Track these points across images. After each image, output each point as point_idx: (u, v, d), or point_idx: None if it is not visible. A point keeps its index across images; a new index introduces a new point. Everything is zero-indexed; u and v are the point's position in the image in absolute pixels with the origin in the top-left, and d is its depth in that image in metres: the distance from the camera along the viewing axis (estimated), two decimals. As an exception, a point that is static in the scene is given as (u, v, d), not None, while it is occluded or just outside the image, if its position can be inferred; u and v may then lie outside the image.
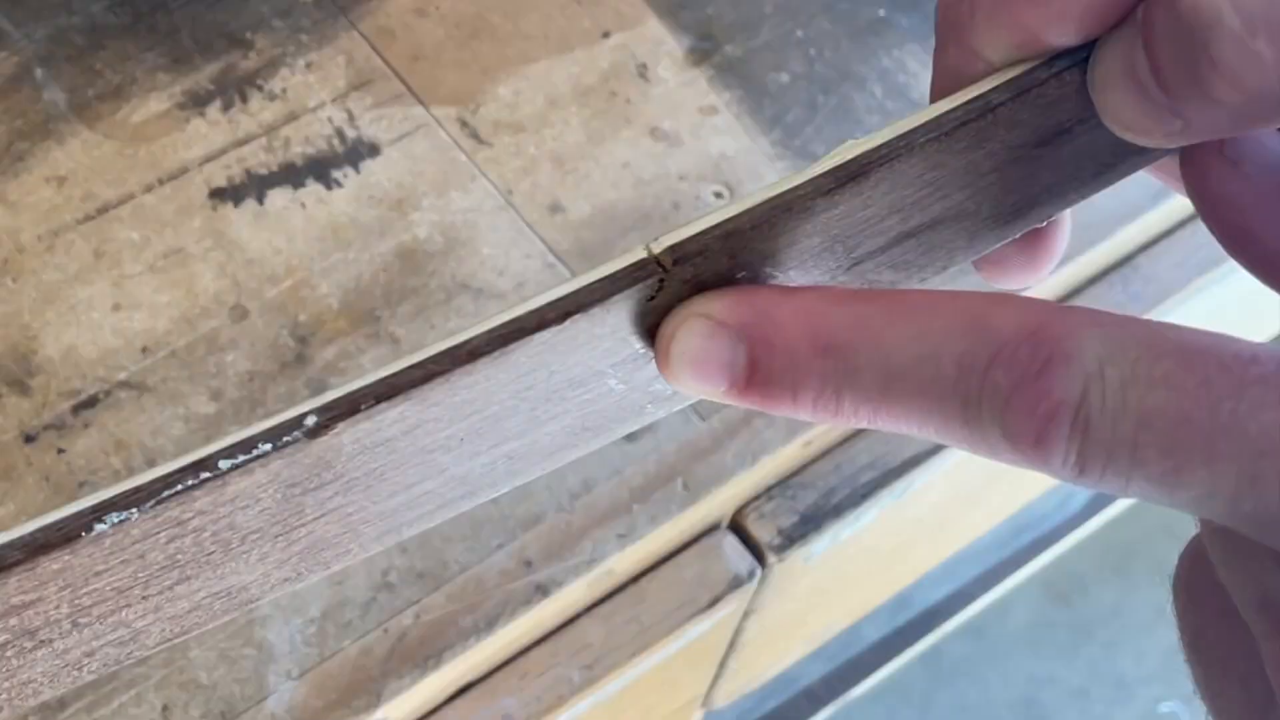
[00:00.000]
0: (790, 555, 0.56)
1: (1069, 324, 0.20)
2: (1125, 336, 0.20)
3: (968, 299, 0.21)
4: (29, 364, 0.51)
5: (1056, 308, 0.21)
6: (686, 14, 0.62)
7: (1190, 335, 0.20)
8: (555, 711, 0.52)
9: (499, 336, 0.23)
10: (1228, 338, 0.20)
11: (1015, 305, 0.21)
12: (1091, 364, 0.20)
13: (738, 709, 1.05)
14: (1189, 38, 0.20)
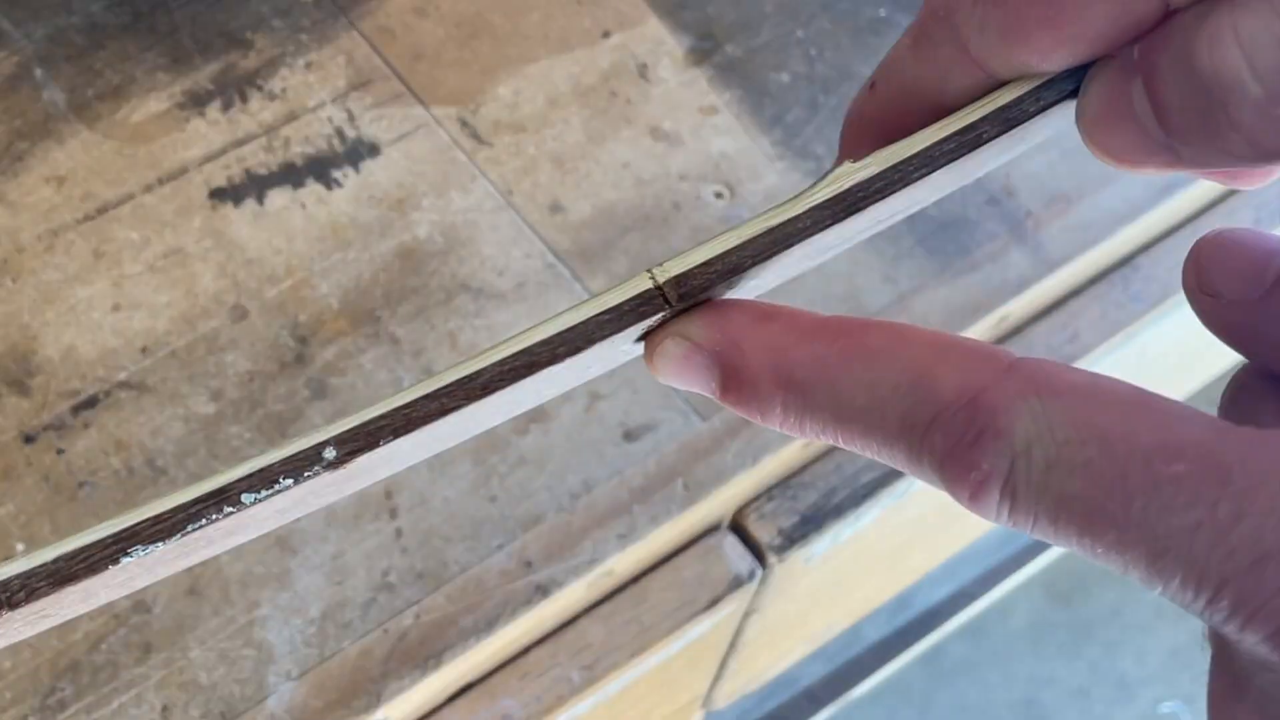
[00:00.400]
0: (790, 555, 0.56)
1: (1006, 394, 0.21)
2: (1056, 417, 0.21)
3: (918, 349, 0.22)
4: (29, 364, 0.51)
5: (998, 371, 0.22)
6: (686, 14, 0.62)
7: (1120, 420, 0.20)
8: (555, 712, 0.52)
9: (510, 370, 0.24)
10: (1162, 421, 0.20)
11: (959, 364, 0.22)
12: (1020, 443, 0.21)
13: (738, 709, 1.05)
14: (1205, 95, 0.21)
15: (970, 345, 0.22)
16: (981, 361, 0.22)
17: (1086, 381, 0.21)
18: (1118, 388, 0.21)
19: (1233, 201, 0.65)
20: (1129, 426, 0.20)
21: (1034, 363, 0.22)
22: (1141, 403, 0.20)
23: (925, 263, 0.58)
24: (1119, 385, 0.21)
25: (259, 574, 0.49)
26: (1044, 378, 0.21)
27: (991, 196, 0.60)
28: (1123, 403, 0.20)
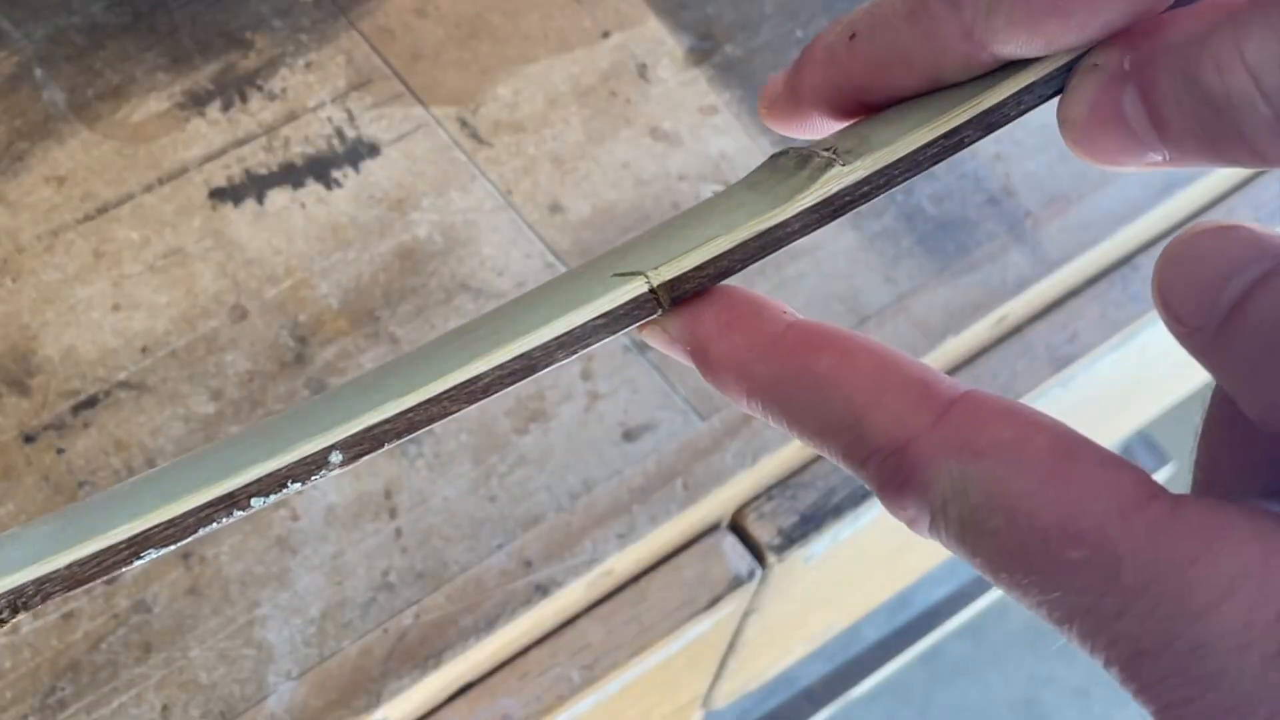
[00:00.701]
0: (790, 555, 0.56)
1: (930, 450, 0.22)
2: (972, 481, 0.22)
3: (859, 383, 0.23)
4: (29, 364, 0.51)
5: (927, 421, 0.22)
6: (686, 14, 0.62)
7: (1030, 493, 0.21)
8: (555, 711, 0.52)
9: (510, 373, 0.25)
10: (1071, 496, 0.21)
11: (893, 408, 0.23)
12: (937, 501, 0.22)
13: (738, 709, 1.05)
14: (1213, 113, 0.22)
15: (909, 383, 0.23)
16: (915, 407, 0.22)
17: (1010, 440, 0.21)
18: (1039, 450, 0.21)
19: (1232, 200, 0.65)
20: (1036, 502, 0.21)
21: (965, 411, 0.22)
22: (1057, 472, 0.21)
23: (925, 262, 0.58)
24: (1042, 444, 0.21)
25: (259, 574, 0.49)
26: (969, 434, 0.22)
27: (991, 196, 0.60)
28: (1038, 470, 0.21)
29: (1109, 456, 0.21)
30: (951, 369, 0.60)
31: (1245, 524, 0.20)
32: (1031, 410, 0.22)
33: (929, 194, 0.59)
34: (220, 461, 0.24)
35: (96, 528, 0.23)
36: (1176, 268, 0.21)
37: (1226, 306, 0.21)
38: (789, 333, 0.24)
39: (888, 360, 0.23)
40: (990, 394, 0.23)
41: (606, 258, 0.26)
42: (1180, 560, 0.20)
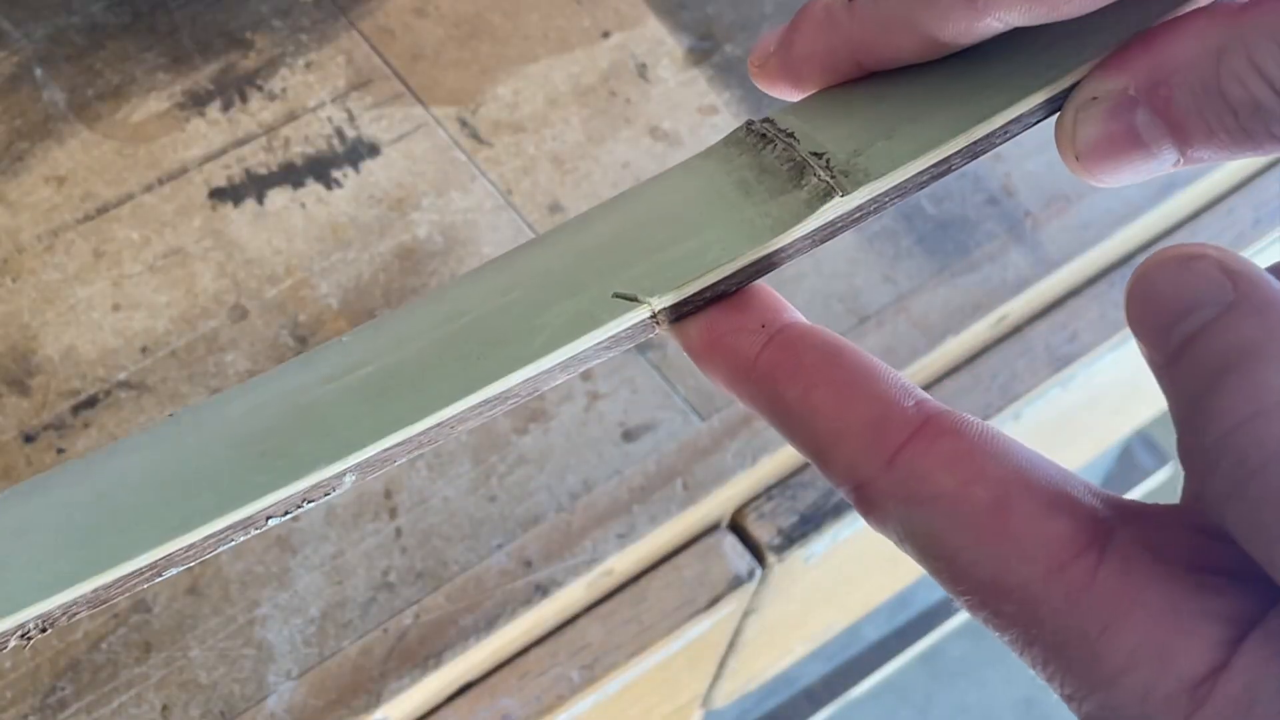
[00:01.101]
0: (790, 555, 0.56)
1: (880, 494, 0.23)
2: (918, 527, 0.23)
3: (820, 424, 0.24)
4: (29, 364, 0.51)
5: (879, 464, 0.23)
6: (686, 14, 0.62)
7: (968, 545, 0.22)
8: (555, 711, 0.52)
9: (517, 395, 0.26)
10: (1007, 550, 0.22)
11: (850, 448, 0.24)
12: (893, 536, 0.23)
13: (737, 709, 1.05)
14: (1238, 120, 0.23)
15: (862, 426, 0.24)
16: (867, 450, 0.24)
17: (949, 492, 0.22)
18: (976, 503, 0.22)
19: (1232, 200, 0.65)
20: (971, 556, 0.22)
21: (913, 456, 0.23)
22: (991, 528, 0.22)
23: (924, 262, 0.58)
24: (980, 497, 0.22)
25: (259, 573, 0.49)
26: (913, 483, 0.23)
27: (991, 196, 0.60)
28: (974, 525, 0.22)
29: (1047, 504, 0.22)
30: (951, 369, 0.60)
31: (1157, 595, 0.21)
32: (983, 449, 0.23)
33: (928, 194, 0.59)
34: (238, 480, 0.24)
35: (122, 552, 0.24)
36: (1139, 296, 0.22)
37: (1176, 343, 0.21)
38: (762, 356, 0.25)
39: (845, 394, 0.24)
40: (948, 424, 0.23)
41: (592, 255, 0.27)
42: (1090, 629, 0.21)
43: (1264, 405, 0.20)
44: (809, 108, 0.28)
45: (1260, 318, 0.21)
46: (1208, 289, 0.21)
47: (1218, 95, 0.23)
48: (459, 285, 0.27)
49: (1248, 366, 0.20)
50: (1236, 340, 0.21)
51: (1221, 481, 0.20)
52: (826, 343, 0.25)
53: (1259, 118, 0.23)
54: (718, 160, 0.28)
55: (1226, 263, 0.21)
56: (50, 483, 0.25)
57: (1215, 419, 0.20)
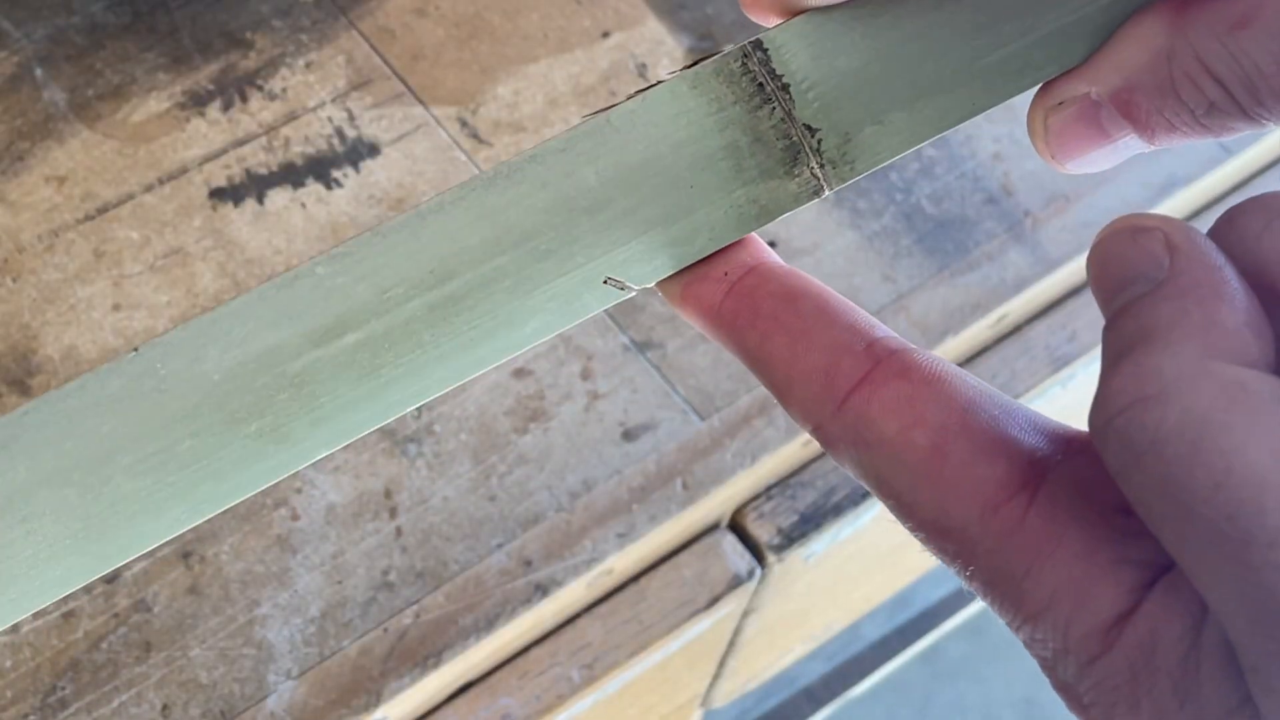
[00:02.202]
0: (790, 555, 0.56)
1: (832, 437, 0.24)
2: (867, 468, 0.24)
3: (779, 367, 0.25)
4: (29, 363, 0.51)
5: (831, 407, 0.24)
6: (686, 14, 0.62)
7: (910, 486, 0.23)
8: (555, 711, 0.52)
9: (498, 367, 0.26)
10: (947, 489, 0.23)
11: (800, 397, 0.25)
12: (850, 472, 0.25)
13: (737, 708, 1.05)
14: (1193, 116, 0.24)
15: (813, 372, 0.25)
16: (818, 396, 0.25)
17: (891, 436, 0.23)
18: (917, 448, 0.23)
19: (1232, 200, 0.65)
20: (912, 497, 0.23)
21: (860, 400, 0.24)
22: (929, 470, 0.23)
23: (924, 262, 0.58)
24: (920, 441, 0.23)
25: (259, 573, 0.49)
26: (859, 427, 0.24)
27: (990, 196, 0.60)
28: (914, 468, 0.23)
29: (983, 447, 0.23)
30: (951, 368, 0.60)
31: (1079, 537, 0.22)
32: (926, 393, 0.23)
33: (928, 193, 0.59)
34: (237, 466, 0.25)
35: (130, 545, 0.24)
36: (1093, 263, 0.23)
37: (1109, 316, 0.22)
38: (725, 304, 0.26)
39: (799, 341, 0.25)
40: (896, 367, 0.24)
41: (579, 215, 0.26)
42: (1016, 570, 0.22)
43: (1148, 391, 0.20)
44: (806, 38, 0.28)
45: (1178, 301, 0.21)
46: (1146, 264, 0.22)
47: (1174, 97, 0.24)
48: (438, 222, 0.26)
49: (1144, 350, 0.20)
50: (1147, 322, 0.21)
51: (1111, 460, 0.20)
52: (785, 288, 0.25)
53: (1214, 114, 0.24)
54: (709, 100, 0.28)
55: (1172, 237, 0.22)
56: (30, 436, 0.24)
57: (1106, 400, 0.21)
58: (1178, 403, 0.20)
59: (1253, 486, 0.19)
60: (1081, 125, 0.26)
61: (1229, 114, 0.24)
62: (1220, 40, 0.24)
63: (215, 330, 0.25)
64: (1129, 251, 0.22)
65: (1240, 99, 0.24)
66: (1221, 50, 0.24)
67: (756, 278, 0.26)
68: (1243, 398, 0.19)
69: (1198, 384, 0.20)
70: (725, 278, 0.26)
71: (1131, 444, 0.20)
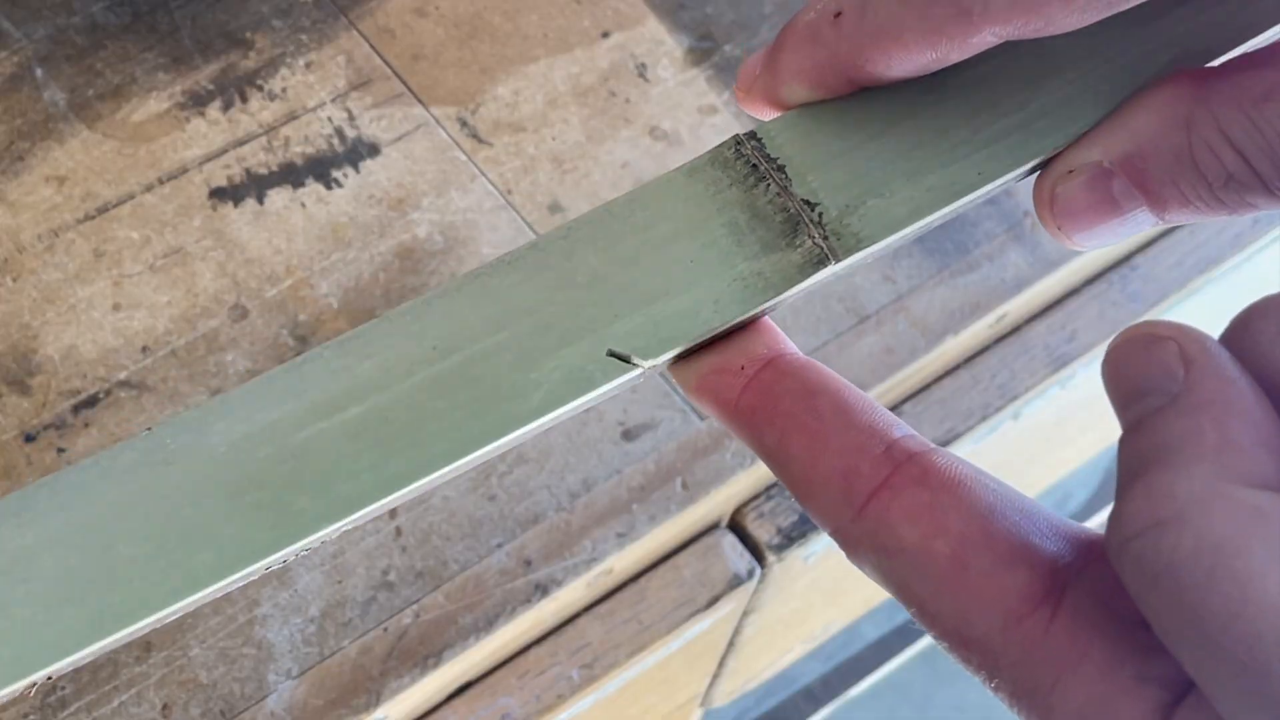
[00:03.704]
0: (789, 554, 0.56)
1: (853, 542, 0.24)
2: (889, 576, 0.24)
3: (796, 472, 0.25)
4: (29, 363, 0.51)
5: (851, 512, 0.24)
6: (686, 14, 0.62)
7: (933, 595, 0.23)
8: (554, 710, 0.52)
9: (506, 449, 0.26)
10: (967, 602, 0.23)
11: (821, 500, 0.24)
12: (870, 576, 0.24)
13: (737, 708, 1.05)
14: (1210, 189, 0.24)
15: (832, 475, 0.24)
16: (837, 501, 0.24)
17: (913, 545, 0.23)
18: (938, 557, 0.23)
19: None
20: (935, 607, 0.23)
21: (881, 506, 0.24)
22: (952, 581, 0.23)
23: (923, 262, 0.58)
24: (942, 551, 0.23)
25: (259, 573, 0.49)
26: (880, 534, 0.23)
27: (990, 196, 0.60)
28: (936, 578, 0.23)
29: (1005, 557, 0.22)
30: (951, 368, 0.60)
31: (1104, 651, 0.21)
32: (946, 500, 0.23)
33: (928, 194, 0.59)
34: (237, 538, 0.25)
35: (127, 615, 0.24)
36: (1107, 370, 0.22)
37: (1125, 428, 0.22)
38: (742, 399, 0.26)
39: (818, 442, 0.24)
40: (916, 472, 0.23)
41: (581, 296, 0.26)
42: (1043, 684, 0.21)
43: (1162, 515, 0.20)
44: (799, 126, 0.28)
45: (1193, 418, 0.20)
46: (1160, 377, 0.21)
47: (1191, 166, 0.24)
48: (441, 305, 0.26)
49: (1158, 470, 0.20)
50: (1161, 439, 0.20)
51: (1128, 581, 0.20)
52: (803, 385, 0.25)
53: (1232, 188, 0.24)
54: (706, 185, 0.28)
55: (1186, 349, 0.21)
56: (41, 505, 0.25)
57: (1121, 522, 0.20)
58: (1192, 528, 0.19)
59: (1271, 616, 0.18)
60: (1091, 195, 0.25)
61: (1248, 187, 0.23)
62: (1245, 111, 0.23)
63: (225, 408, 0.25)
64: (1142, 362, 0.21)
65: (1262, 171, 0.23)
66: (1245, 120, 0.23)
67: (774, 373, 0.25)
68: (1259, 522, 0.19)
69: (1212, 508, 0.19)
70: (742, 372, 0.26)
71: (1147, 568, 0.20)
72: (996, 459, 0.69)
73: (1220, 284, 0.66)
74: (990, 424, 0.60)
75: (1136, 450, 0.21)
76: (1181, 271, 0.64)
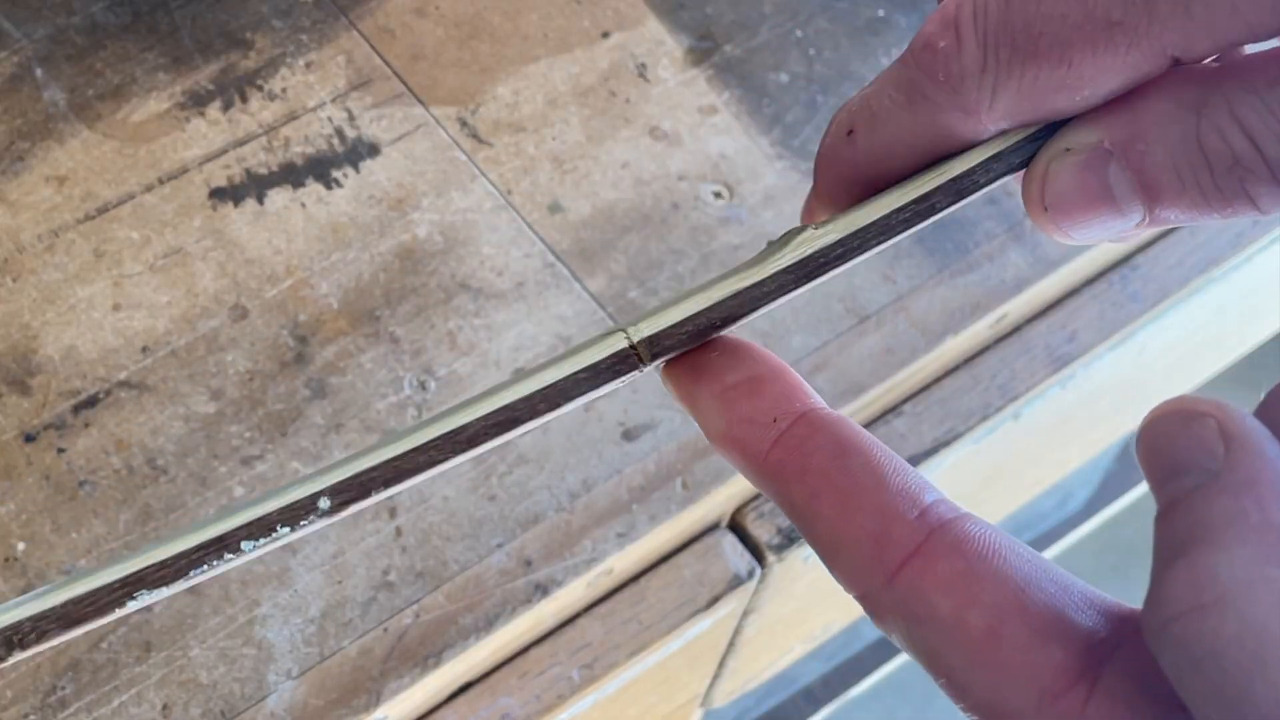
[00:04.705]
0: (789, 554, 0.56)
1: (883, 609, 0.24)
2: (916, 645, 0.23)
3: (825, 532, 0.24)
4: (29, 363, 0.51)
5: (881, 579, 0.23)
6: (686, 14, 0.62)
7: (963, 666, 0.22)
8: (554, 711, 0.52)
9: (494, 424, 0.26)
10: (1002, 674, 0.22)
11: (850, 563, 0.24)
12: (898, 644, 0.24)
13: (737, 708, 1.05)
14: (1219, 175, 0.24)
15: (863, 539, 0.24)
16: (868, 565, 0.24)
17: (946, 615, 0.22)
18: (972, 628, 0.22)
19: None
20: (967, 678, 0.22)
21: (913, 574, 0.23)
22: (985, 652, 0.22)
23: (924, 262, 0.58)
24: (976, 622, 0.22)
25: (259, 573, 0.49)
26: (913, 602, 0.23)
27: (990, 196, 0.60)
28: (969, 649, 0.22)
29: (1041, 631, 0.22)
30: (951, 369, 0.60)
31: None
32: (981, 570, 0.23)
33: (928, 194, 0.59)
34: (221, 512, 0.25)
35: (92, 570, 0.24)
36: (1143, 446, 0.22)
37: (1162, 504, 0.21)
38: (772, 454, 0.25)
39: (849, 504, 0.24)
40: (949, 540, 0.23)
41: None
42: None
43: (1204, 598, 0.19)
44: None
45: (1235, 499, 0.20)
46: (1199, 454, 0.21)
47: (1196, 148, 0.23)
48: None
49: (1199, 551, 0.20)
50: (1202, 519, 0.20)
51: (1167, 663, 0.20)
52: (835, 442, 0.24)
53: (1235, 173, 0.23)
54: None
55: (1227, 427, 0.21)
56: None
57: (1161, 603, 0.20)
58: (1236, 611, 0.19)
59: None
60: (1084, 177, 0.25)
61: (1252, 173, 0.23)
62: (1259, 93, 0.23)
63: None
64: (1181, 439, 0.21)
65: (1270, 155, 0.23)
66: (1258, 103, 0.23)
67: (807, 428, 0.25)
68: None
69: (1256, 591, 0.19)
70: (774, 425, 0.25)
71: (1188, 651, 0.19)
72: (996, 459, 0.69)
73: (1220, 284, 0.66)
74: (990, 424, 0.60)
75: (1176, 529, 0.20)
76: (1182, 271, 0.63)
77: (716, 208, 0.57)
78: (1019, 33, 0.24)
